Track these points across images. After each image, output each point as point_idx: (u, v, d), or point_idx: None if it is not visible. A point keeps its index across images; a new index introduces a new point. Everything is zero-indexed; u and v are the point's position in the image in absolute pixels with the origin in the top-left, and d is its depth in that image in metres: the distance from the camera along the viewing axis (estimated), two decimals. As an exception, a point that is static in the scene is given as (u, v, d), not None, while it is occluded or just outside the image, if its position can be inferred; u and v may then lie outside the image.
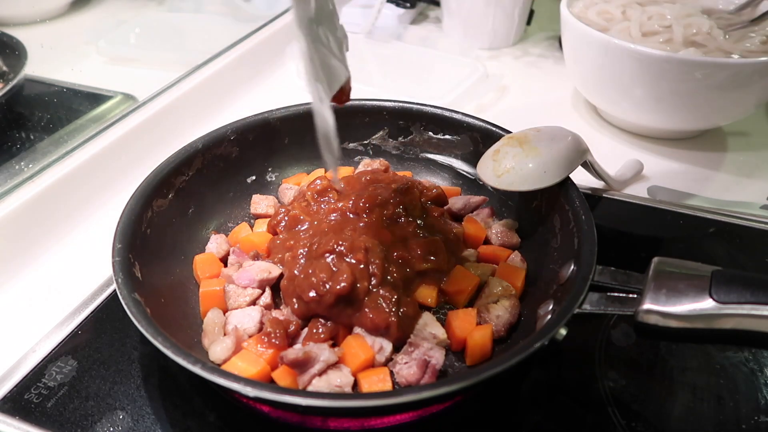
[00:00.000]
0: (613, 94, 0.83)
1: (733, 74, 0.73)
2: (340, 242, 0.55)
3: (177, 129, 0.85)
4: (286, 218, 0.64)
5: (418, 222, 0.62)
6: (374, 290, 0.54)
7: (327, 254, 0.55)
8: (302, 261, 0.57)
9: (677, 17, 0.82)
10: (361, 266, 0.54)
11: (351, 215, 0.60)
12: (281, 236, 0.63)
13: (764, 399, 0.52)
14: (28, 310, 0.63)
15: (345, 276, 0.53)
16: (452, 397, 0.49)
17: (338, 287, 0.53)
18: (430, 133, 0.74)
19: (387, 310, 0.53)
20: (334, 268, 0.54)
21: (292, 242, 0.60)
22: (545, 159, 0.59)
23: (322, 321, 0.55)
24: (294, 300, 0.55)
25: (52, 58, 0.96)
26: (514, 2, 1.08)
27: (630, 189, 0.77)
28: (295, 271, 0.56)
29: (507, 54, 1.12)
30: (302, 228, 0.62)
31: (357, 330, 0.54)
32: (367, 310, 0.53)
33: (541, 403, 0.53)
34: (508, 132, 0.66)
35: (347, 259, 0.55)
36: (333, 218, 0.61)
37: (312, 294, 0.53)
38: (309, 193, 0.64)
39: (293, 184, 0.71)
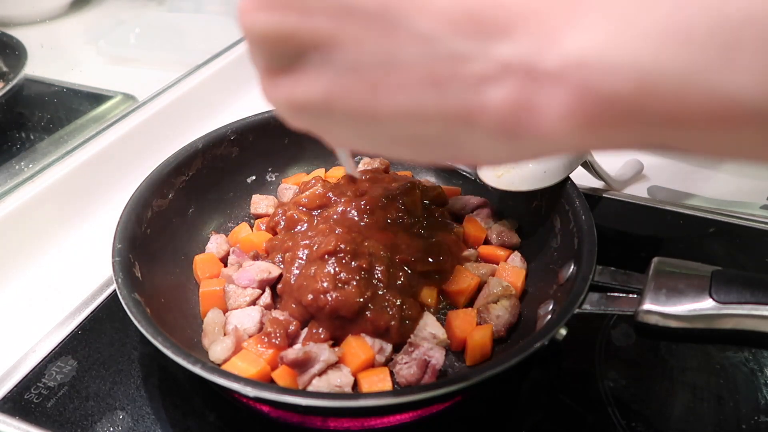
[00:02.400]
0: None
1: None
2: (343, 245, 0.55)
3: (177, 129, 0.85)
4: (284, 218, 0.63)
5: (420, 222, 0.62)
6: (379, 293, 0.54)
7: (328, 256, 0.55)
8: (300, 263, 0.56)
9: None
10: (363, 273, 0.54)
11: (352, 215, 0.60)
12: (279, 236, 0.62)
13: (764, 399, 0.52)
14: (28, 310, 0.63)
15: (349, 295, 0.53)
16: (452, 397, 0.49)
17: (341, 305, 0.52)
18: (430, 133, 0.73)
19: (390, 313, 0.53)
20: (336, 276, 0.54)
21: (290, 243, 0.59)
22: (545, 159, 0.59)
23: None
24: (292, 303, 0.55)
25: (52, 58, 0.96)
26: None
27: (630, 189, 0.77)
28: (292, 276, 0.56)
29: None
30: (301, 229, 0.62)
31: (357, 330, 0.54)
32: (368, 313, 0.53)
33: (541, 403, 0.53)
34: (508, 132, 0.66)
35: (352, 265, 0.54)
36: (334, 218, 0.61)
37: (310, 297, 0.53)
38: (300, 207, 0.64)
39: (292, 183, 0.71)
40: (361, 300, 0.53)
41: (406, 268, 0.57)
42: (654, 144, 0.27)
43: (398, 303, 0.54)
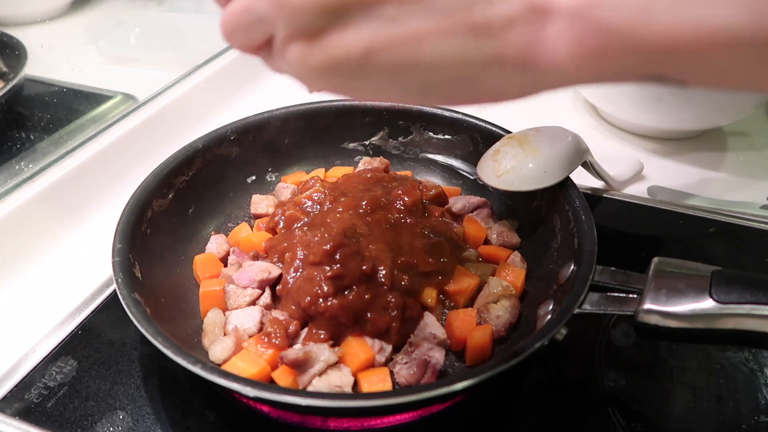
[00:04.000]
0: (613, 94, 0.82)
1: (733, 74, 0.73)
2: (343, 246, 0.55)
3: (177, 129, 0.85)
4: (283, 218, 0.63)
5: (422, 222, 0.62)
6: (381, 295, 0.54)
7: (328, 258, 0.54)
8: (299, 264, 0.56)
9: (677, 17, 0.82)
10: (366, 277, 0.54)
11: (352, 215, 0.60)
12: (278, 236, 0.62)
13: (764, 399, 0.52)
14: (28, 310, 0.63)
15: (349, 303, 0.52)
16: (452, 397, 0.49)
17: (340, 313, 0.52)
18: (430, 133, 0.74)
19: (392, 315, 0.53)
20: (336, 279, 0.53)
21: (286, 244, 0.59)
22: (545, 159, 0.59)
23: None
24: (291, 305, 0.55)
25: (52, 58, 0.96)
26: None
27: (630, 189, 0.77)
28: (290, 278, 0.56)
29: (507, 54, 1.12)
30: (298, 225, 0.61)
31: (357, 330, 0.54)
32: (369, 314, 0.53)
33: (541, 403, 0.53)
34: (508, 132, 0.66)
35: (353, 268, 0.54)
36: (333, 217, 0.60)
37: (308, 300, 0.53)
38: (300, 206, 0.63)
39: (291, 182, 0.71)
40: (361, 307, 0.53)
41: (407, 268, 0.57)
42: (652, 74, 0.30)
43: (399, 304, 0.54)
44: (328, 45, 0.31)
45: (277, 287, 0.57)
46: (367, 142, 0.76)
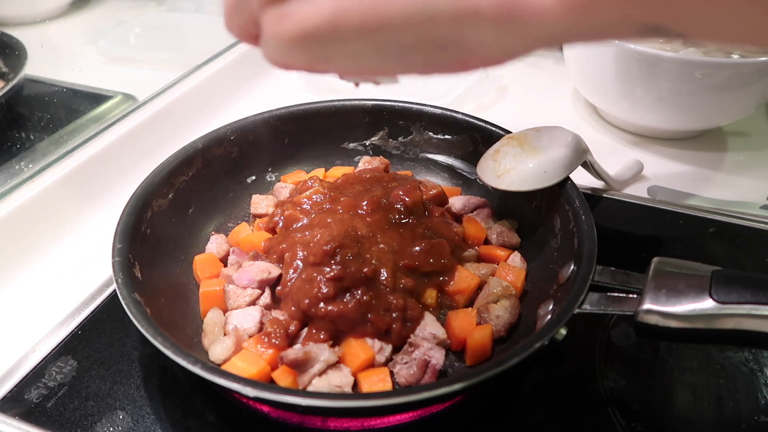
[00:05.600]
0: (613, 94, 0.82)
1: (733, 74, 0.73)
2: (343, 247, 0.55)
3: (177, 129, 0.85)
4: (282, 218, 0.63)
5: (422, 223, 0.62)
6: (381, 296, 0.54)
7: (328, 258, 0.54)
8: (300, 264, 0.56)
9: (677, 17, 0.82)
10: (366, 280, 0.54)
11: (352, 215, 0.60)
12: (277, 236, 0.62)
13: (764, 399, 0.52)
14: (28, 310, 0.63)
15: (348, 310, 0.52)
16: (452, 397, 0.49)
17: (339, 319, 0.52)
18: (430, 133, 0.74)
19: (393, 316, 0.53)
20: (336, 281, 0.53)
21: (285, 245, 0.58)
22: (545, 159, 0.59)
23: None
24: (291, 306, 0.55)
25: (52, 58, 0.96)
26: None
27: (630, 189, 0.77)
28: (289, 279, 0.56)
29: (507, 54, 1.12)
30: (297, 225, 0.61)
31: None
32: (370, 315, 0.53)
33: (541, 403, 0.53)
34: (508, 132, 0.66)
35: (354, 270, 0.54)
36: (334, 217, 0.60)
37: (307, 302, 0.53)
38: (299, 207, 0.63)
39: (290, 182, 0.71)
40: (361, 312, 0.53)
41: (409, 269, 0.57)
42: (648, 25, 0.27)
43: (401, 306, 0.54)
44: (295, 13, 0.31)
45: (277, 288, 0.57)
46: (367, 142, 0.76)
